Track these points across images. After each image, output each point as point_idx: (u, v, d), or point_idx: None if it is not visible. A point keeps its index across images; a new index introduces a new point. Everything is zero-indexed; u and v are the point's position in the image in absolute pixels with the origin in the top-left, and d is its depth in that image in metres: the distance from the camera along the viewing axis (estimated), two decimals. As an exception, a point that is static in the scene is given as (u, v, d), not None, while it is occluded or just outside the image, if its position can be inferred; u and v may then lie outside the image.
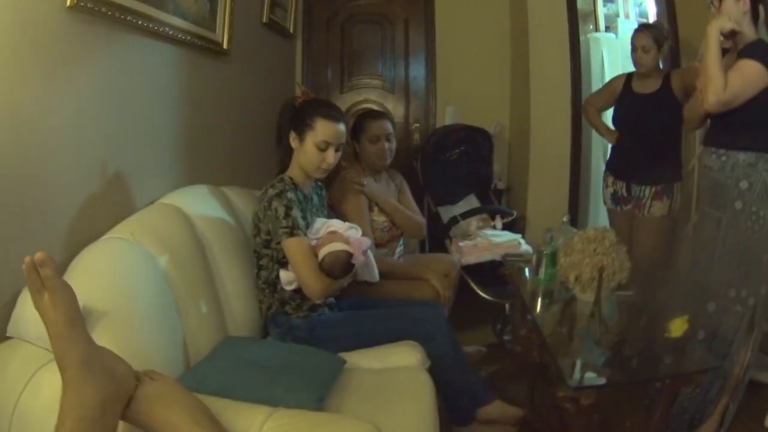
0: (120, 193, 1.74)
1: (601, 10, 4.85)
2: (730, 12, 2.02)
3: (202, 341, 1.60)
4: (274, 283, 1.94)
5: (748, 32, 2.06)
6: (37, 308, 1.03)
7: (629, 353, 1.88)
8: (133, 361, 1.12)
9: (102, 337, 1.11)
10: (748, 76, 1.97)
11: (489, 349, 2.85)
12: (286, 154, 2.05)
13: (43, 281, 1.01)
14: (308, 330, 1.92)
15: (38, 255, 1.01)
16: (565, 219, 2.54)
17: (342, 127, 1.99)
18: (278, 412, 1.26)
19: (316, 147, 1.93)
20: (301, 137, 1.96)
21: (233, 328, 1.82)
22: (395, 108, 3.84)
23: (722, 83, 1.97)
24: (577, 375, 1.66)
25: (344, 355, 1.77)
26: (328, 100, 2.42)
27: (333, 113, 1.98)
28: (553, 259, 2.12)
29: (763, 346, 2.61)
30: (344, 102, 3.82)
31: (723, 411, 2.14)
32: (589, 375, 1.71)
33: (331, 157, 1.95)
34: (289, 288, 1.91)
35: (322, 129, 1.93)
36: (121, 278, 1.39)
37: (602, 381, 1.70)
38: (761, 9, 2.12)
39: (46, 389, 1.13)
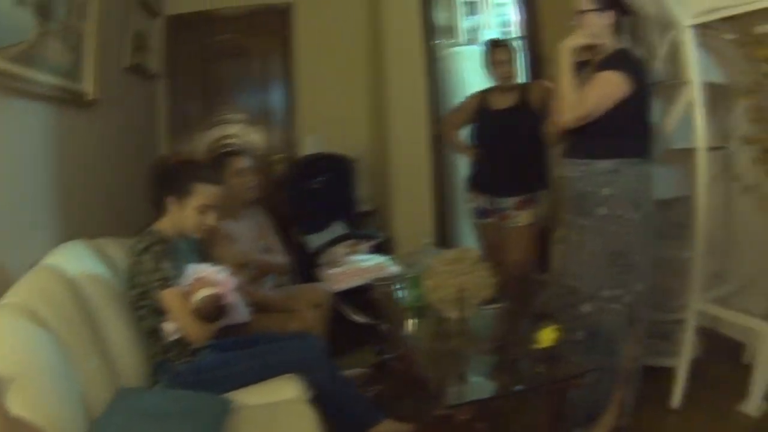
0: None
1: (463, 24, 4.89)
2: (591, 25, 2.06)
3: (98, 394, 1.62)
4: (155, 332, 1.94)
5: (609, 43, 2.08)
6: None
7: (503, 365, 1.91)
8: (43, 423, 1.15)
9: (14, 404, 1.14)
10: (604, 88, 1.99)
11: (372, 369, 2.83)
12: (161, 214, 2.02)
13: None
14: (194, 374, 1.94)
15: None
16: (426, 241, 2.60)
17: (220, 187, 2.03)
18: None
19: (196, 211, 1.96)
20: (180, 202, 1.97)
21: (125, 378, 1.83)
22: (256, 140, 3.89)
23: (575, 100, 2.01)
24: (452, 392, 1.68)
25: (231, 394, 1.84)
26: (203, 161, 2.44)
27: (211, 176, 2.01)
28: (417, 281, 2.18)
29: (658, 332, 2.77)
30: (209, 139, 3.83)
31: (620, 401, 2.21)
32: (464, 390, 1.74)
33: (212, 219, 2.00)
34: (173, 338, 1.92)
35: (203, 194, 1.96)
36: (17, 345, 1.40)
37: (475, 396, 1.71)
38: (624, 20, 2.16)
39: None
